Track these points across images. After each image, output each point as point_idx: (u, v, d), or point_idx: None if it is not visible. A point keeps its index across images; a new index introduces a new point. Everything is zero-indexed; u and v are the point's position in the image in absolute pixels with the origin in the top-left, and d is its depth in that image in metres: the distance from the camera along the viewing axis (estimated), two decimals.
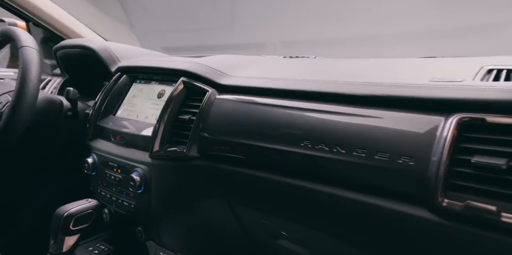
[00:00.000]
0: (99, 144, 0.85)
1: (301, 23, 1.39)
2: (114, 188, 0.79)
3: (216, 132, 0.64)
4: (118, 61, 0.99)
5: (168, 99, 0.71)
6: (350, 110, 0.46)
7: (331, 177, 0.48)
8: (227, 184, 0.66)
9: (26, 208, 1.35)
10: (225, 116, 0.64)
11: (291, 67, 0.77)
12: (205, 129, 0.65)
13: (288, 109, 0.54)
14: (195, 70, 0.71)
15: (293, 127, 0.51)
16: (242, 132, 0.60)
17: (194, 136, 0.65)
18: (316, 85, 0.54)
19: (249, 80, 0.65)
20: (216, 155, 0.65)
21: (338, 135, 0.45)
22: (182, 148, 0.66)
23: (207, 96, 0.68)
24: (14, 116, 0.73)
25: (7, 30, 0.84)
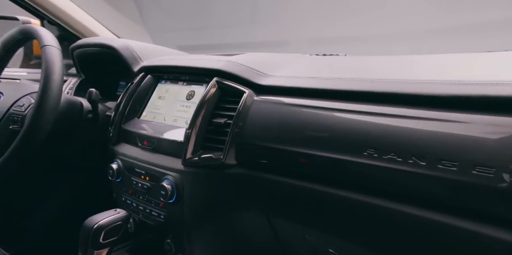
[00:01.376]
0: (124, 148, 0.81)
1: (328, 20, 1.34)
2: (141, 197, 0.75)
3: (257, 137, 0.59)
4: (140, 61, 0.95)
5: (201, 102, 0.66)
6: (430, 114, 0.40)
7: (402, 192, 0.42)
8: (266, 195, 0.61)
9: (40, 212, 1.33)
10: (267, 120, 0.59)
11: (331, 66, 0.72)
12: (244, 134, 0.61)
13: (346, 113, 0.49)
14: (230, 69, 0.67)
15: (354, 133, 0.46)
16: (288, 138, 0.55)
17: (231, 142, 0.61)
18: (378, 85, 0.49)
19: (292, 80, 0.60)
20: (256, 163, 0.60)
21: (414, 144, 0.39)
22: (218, 155, 0.62)
23: (244, 98, 0.63)
24: (38, 119, 0.70)
25: (27, 28, 0.81)
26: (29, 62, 1.60)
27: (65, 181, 1.32)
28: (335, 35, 1.33)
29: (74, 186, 1.36)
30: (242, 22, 1.60)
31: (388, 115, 0.44)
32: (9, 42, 0.85)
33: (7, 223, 1.28)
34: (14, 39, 0.84)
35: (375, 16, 1.40)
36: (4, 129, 0.77)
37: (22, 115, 0.78)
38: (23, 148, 0.70)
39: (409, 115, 0.42)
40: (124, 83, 1.31)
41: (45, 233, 1.32)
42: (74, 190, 1.37)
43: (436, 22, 1.33)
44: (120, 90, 1.31)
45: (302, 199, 0.57)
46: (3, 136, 0.77)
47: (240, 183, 0.62)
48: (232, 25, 1.63)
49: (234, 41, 1.61)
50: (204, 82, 0.75)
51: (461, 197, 0.38)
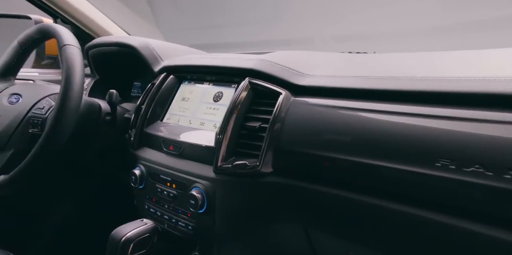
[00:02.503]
0: (146, 153, 0.77)
1: (355, 16, 1.29)
2: (167, 205, 0.71)
3: (296, 143, 0.55)
4: (161, 60, 0.92)
5: (232, 104, 0.62)
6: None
7: (485, 210, 0.37)
8: (306, 206, 0.57)
9: (51, 218, 1.31)
10: (308, 124, 0.54)
11: (368, 64, 0.67)
12: (282, 139, 0.56)
13: (410, 117, 0.44)
14: (264, 69, 0.63)
15: (422, 141, 0.42)
16: (332, 144, 0.51)
17: (267, 148, 0.57)
18: (439, 84, 0.44)
19: (334, 79, 0.56)
20: (295, 171, 0.56)
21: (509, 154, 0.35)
22: (253, 162, 0.58)
23: (280, 99, 0.59)
24: (59, 122, 0.67)
25: (45, 27, 0.78)
26: (41, 62, 1.58)
27: (79, 186, 1.30)
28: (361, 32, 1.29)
29: (88, 191, 1.34)
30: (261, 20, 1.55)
31: (465, 119, 0.39)
32: (26, 42, 0.82)
33: (19, 228, 1.27)
34: (31, 38, 0.81)
35: (383, 13, 1.35)
36: (23, 133, 0.75)
37: (42, 119, 0.75)
38: (45, 152, 0.68)
39: (497, 120, 0.37)
40: (138, 84, 1.28)
41: (56, 238, 1.30)
42: (88, 195, 1.35)
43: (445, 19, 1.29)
44: (135, 91, 1.28)
45: (348, 212, 0.52)
46: (22, 139, 0.75)
47: (277, 192, 0.58)
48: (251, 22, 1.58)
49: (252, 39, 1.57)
50: (233, 82, 0.71)
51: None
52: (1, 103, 0.78)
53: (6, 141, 0.74)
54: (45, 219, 1.31)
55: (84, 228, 1.36)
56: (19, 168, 0.69)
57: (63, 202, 1.31)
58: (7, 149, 0.75)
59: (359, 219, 0.52)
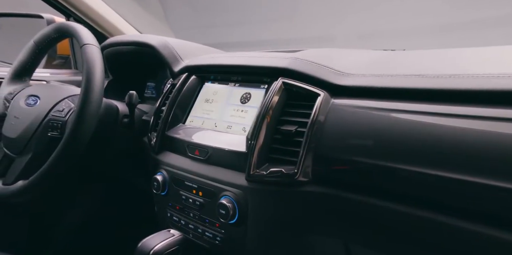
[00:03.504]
0: (169, 158, 0.73)
1: (380, 12, 1.25)
2: (192, 214, 0.68)
3: (338, 148, 0.51)
4: (181, 60, 0.88)
5: (264, 106, 0.58)
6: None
7: None
8: (347, 218, 0.53)
9: (63, 222, 1.29)
10: (351, 128, 0.50)
11: (408, 62, 0.63)
12: (322, 145, 0.52)
13: (477, 121, 0.39)
14: (300, 68, 0.58)
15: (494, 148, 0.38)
16: (380, 150, 0.47)
17: (306, 154, 0.52)
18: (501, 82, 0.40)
19: (382, 79, 0.51)
20: (336, 179, 0.52)
21: None
22: (290, 169, 0.53)
23: (319, 101, 0.54)
24: (80, 125, 0.64)
25: (64, 26, 0.75)
26: (52, 63, 1.56)
27: (92, 190, 1.27)
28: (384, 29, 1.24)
29: (101, 196, 1.31)
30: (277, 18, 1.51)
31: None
32: (42, 41, 0.79)
33: (30, 232, 1.25)
34: (48, 37, 0.78)
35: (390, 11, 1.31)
36: (42, 136, 0.72)
37: (62, 122, 0.72)
38: (66, 157, 0.65)
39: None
40: (152, 84, 1.25)
41: (67, 243, 1.28)
42: (101, 199, 1.33)
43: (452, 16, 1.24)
44: (148, 92, 1.25)
45: (394, 226, 0.48)
46: (41, 143, 0.72)
47: (316, 203, 0.53)
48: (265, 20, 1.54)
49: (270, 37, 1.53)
50: (262, 83, 0.67)
51: None
52: (18, 105, 0.75)
53: (24, 145, 0.72)
54: (57, 224, 1.30)
55: (96, 233, 1.34)
56: (39, 174, 0.67)
57: (76, 206, 1.29)
58: (25, 153, 0.72)
59: (411, 234, 0.47)
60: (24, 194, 0.69)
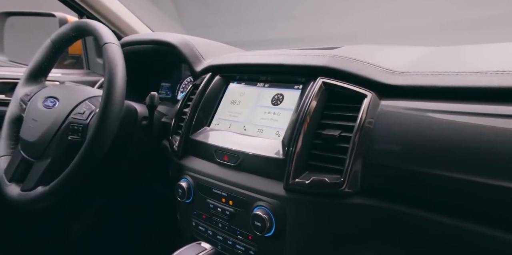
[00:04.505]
0: (194, 163, 0.69)
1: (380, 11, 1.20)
2: (221, 224, 0.63)
3: (394, 156, 0.45)
4: (202, 59, 0.84)
5: (304, 109, 0.53)
6: None
7: None
8: (404, 236, 0.47)
9: (76, 228, 1.26)
10: (409, 133, 0.45)
11: (452, 59, 0.57)
12: (372, 151, 0.47)
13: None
14: (343, 66, 0.53)
15: None
16: (446, 159, 0.41)
17: (353, 162, 0.47)
18: None
19: (443, 77, 0.45)
20: (389, 191, 0.47)
21: None
22: (335, 179, 0.48)
23: (366, 103, 0.49)
24: (103, 128, 0.61)
25: (83, 24, 0.71)
26: (63, 62, 1.53)
27: (107, 195, 1.24)
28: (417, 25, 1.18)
29: (114, 200, 1.28)
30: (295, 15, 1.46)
31: None
32: (59, 40, 0.75)
33: (42, 238, 1.22)
34: (66, 36, 0.75)
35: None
36: (62, 140, 0.68)
37: (83, 125, 0.68)
38: (88, 162, 0.61)
39: None
40: (167, 85, 1.21)
41: (79, 249, 1.25)
42: (114, 204, 1.29)
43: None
44: (162, 93, 1.21)
45: (460, 246, 0.43)
46: (60, 147, 0.68)
47: (364, 217, 0.48)
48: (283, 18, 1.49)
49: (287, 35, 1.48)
50: (295, 83, 0.63)
51: None
52: (37, 107, 0.72)
53: (44, 149, 0.68)
54: (70, 229, 1.27)
55: (108, 239, 1.31)
56: (60, 179, 0.63)
57: (89, 211, 1.26)
58: (44, 158, 0.68)
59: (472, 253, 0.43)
60: (44, 201, 0.65)
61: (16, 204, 0.69)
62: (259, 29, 1.60)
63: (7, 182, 0.72)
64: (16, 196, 0.69)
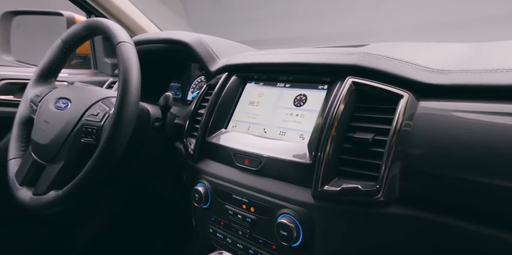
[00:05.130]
0: (212, 167, 0.65)
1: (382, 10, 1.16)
2: (241, 232, 0.60)
3: (435, 161, 0.42)
4: (217, 58, 0.81)
5: (332, 110, 0.50)
6: None
7: None
8: (448, 250, 0.43)
9: (85, 231, 1.24)
10: (452, 137, 0.41)
11: (489, 54, 0.54)
12: (411, 157, 0.43)
13: None
14: (375, 64, 0.49)
15: None
16: (496, 166, 0.38)
17: (390, 168, 0.44)
18: None
19: (491, 75, 0.41)
20: (432, 200, 0.43)
21: None
22: (369, 186, 0.45)
23: (403, 104, 0.45)
24: (118, 130, 0.58)
25: (95, 23, 0.68)
26: (70, 62, 1.50)
27: (116, 198, 1.22)
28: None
29: (123, 203, 1.26)
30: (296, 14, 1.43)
31: None
32: (70, 40, 0.72)
33: (51, 241, 1.20)
34: (77, 35, 0.71)
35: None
36: (75, 142, 0.65)
37: (97, 127, 0.65)
38: (103, 165, 0.59)
39: None
40: (176, 85, 1.18)
41: (87, 250, 1.23)
42: (123, 207, 1.27)
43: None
44: (172, 93, 1.18)
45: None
46: (73, 150, 0.65)
47: (401, 228, 0.44)
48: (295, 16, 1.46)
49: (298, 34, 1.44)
50: (319, 83, 0.59)
51: None
52: (48, 108, 0.69)
53: (56, 152, 0.65)
54: (79, 232, 1.24)
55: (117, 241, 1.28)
56: (74, 183, 0.60)
57: (99, 214, 1.23)
58: (57, 161, 0.65)
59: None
60: (57, 206, 0.62)
61: (28, 208, 0.67)
62: (268, 28, 1.56)
63: (18, 186, 0.70)
64: (28, 200, 0.66)
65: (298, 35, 1.59)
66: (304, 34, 1.57)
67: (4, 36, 1.25)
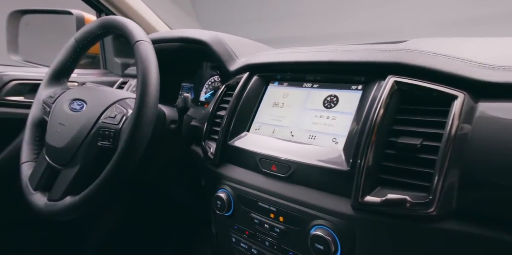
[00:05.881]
0: (234, 172, 0.61)
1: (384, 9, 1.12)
2: (269, 242, 0.55)
3: (501, 171, 0.36)
4: (236, 57, 0.76)
5: (371, 112, 0.45)
6: None
7: None
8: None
9: (95, 235, 1.20)
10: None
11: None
12: (470, 165, 0.38)
13: None
14: (422, 62, 0.44)
15: None
16: None
17: (445, 177, 0.38)
18: None
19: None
20: (495, 215, 0.37)
21: None
22: (420, 198, 0.39)
23: (458, 105, 0.40)
24: (137, 133, 0.54)
25: (110, 21, 0.63)
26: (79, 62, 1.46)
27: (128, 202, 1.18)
28: None
29: (134, 207, 1.22)
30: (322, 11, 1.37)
31: None
32: (84, 39, 0.68)
33: (61, 245, 1.16)
34: (91, 34, 0.67)
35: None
36: (91, 146, 0.61)
37: (115, 130, 0.60)
38: (122, 169, 0.54)
39: None
40: (188, 85, 1.13)
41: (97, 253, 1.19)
42: (134, 211, 1.23)
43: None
44: (183, 93, 1.14)
45: None
46: (90, 154, 0.61)
47: (458, 245, 0.39)
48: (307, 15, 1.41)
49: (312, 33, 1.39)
50: (352, 83, 0.54)
51: None
52: (63, 110, 0.64)
53: (72, 156, 0.61)
54: (89, 236, 1.20)
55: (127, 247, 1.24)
56: (92, 189, 0.56)
57: (110, 217, 1.19)
58: (72, 165, 0.61)
59: None
60: (73, 212, 0.58)
61: (43, 214, 0.62)
62: (286, 26, 1.51)
63: (32, 191, 0.65)
64: (43, 206, 0.62)
65: (299, 35, 1.54)
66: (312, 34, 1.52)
67: (12, 35, 1.20)
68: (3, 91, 0.95)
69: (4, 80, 0.95)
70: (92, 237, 1.21)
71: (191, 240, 1.23)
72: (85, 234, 1.20)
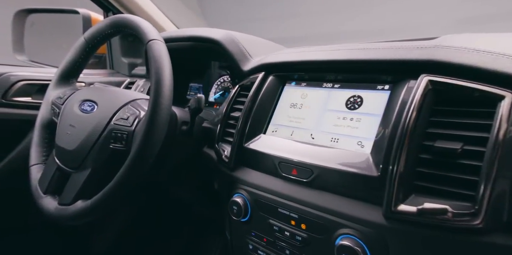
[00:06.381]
0: (250, 176, 0.57)
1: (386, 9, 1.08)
2: (289, 251, 0.51)
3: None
4: (250, 57, 0.72)
5: (404, 114, 0.41)
6: None
7: None
8: None
9: (102, 240, 1.17)
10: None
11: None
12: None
13: None
14: (460, 59, 0.40)
15: None
16: None
17: (493, 186, 0.34)
18: None
19: None
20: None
21: None
22: (464, 208, 0.36)
23: (506, 106, 0.36)
24: (151, 135, 0.51)
25: (121, 19, 0.60)
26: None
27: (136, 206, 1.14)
28: None
29: (142, 211, 1.19)
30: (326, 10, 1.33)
31: None
32: (94, 38, 0.64)
33: (67, 250, 1.13)
34: (101, 33, 0.63)
35: None
36: (103, 148, 0.57)
37: (128, 132, 0.57)
38: (136, 173, 0.51)
39: None
40: (196, 86, 1.10)
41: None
42: (141, 216, 1.20)
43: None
44: (192, 94, 1.10)
45: None
46: (101, 156, 0.57)
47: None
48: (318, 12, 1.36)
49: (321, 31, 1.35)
50: (378, 82, 0.50)
51: None
52: (73, 111, 0.61)
53: (83, 159, 0.57)
54: (96, 241, 1.17)
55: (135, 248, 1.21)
56: (104, 193, 0.53)
57: (117, 220, 1.16)
58: (83, 168, 0.57)
59: None
60: (85, 217, 0.54)
61: (53, 219, 0.59)
62: (297, 24, 1.46)
63: (42, 194, 0.62)
64: (54, 210, 0.59)
65: (305, 34, 1.50)
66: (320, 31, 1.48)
67: (18, 35, 1.17)
68: (10, 92, 0.92)
69: (12, 80, 0.92)
70: (101, 238, 1.18)
71: (200, 241, 1.19)
72: (94, 235, 1.17)
